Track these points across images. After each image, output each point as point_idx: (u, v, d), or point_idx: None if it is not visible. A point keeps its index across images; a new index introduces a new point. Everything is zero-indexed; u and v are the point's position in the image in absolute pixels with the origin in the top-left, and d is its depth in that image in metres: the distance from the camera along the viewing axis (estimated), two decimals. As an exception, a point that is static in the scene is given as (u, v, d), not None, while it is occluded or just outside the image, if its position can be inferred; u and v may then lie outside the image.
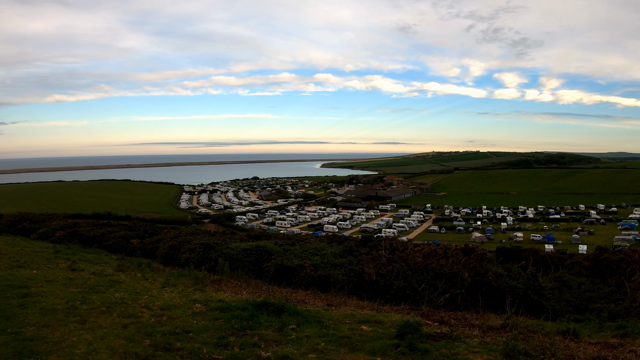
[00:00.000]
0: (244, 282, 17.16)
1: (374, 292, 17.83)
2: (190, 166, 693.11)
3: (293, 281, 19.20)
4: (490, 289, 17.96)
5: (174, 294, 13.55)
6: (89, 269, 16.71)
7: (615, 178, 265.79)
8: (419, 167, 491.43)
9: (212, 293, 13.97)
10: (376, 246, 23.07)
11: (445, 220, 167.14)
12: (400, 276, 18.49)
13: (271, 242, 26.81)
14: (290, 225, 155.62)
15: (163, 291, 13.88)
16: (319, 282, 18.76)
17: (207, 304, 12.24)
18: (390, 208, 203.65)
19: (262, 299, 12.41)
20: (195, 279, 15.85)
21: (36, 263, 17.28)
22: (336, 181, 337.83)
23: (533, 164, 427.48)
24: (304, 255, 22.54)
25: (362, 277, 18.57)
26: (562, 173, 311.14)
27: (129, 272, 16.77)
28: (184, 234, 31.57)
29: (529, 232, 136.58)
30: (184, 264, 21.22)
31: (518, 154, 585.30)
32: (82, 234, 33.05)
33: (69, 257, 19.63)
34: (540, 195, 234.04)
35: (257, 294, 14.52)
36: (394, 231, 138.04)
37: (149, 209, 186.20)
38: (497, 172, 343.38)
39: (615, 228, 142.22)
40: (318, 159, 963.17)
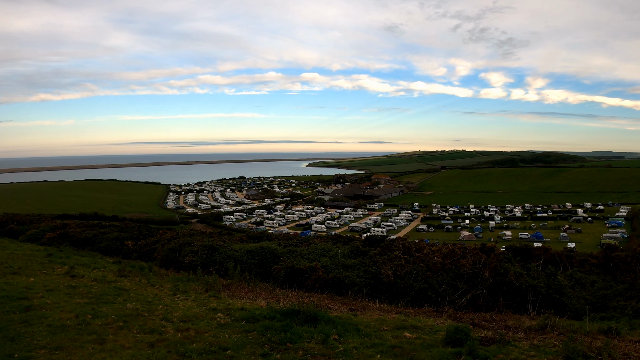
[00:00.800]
0: (254, 287, 16.32)
1: (392, 294, 17.15)
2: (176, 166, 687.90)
3: (304, 284, 18.36)
4: (511, 289, 17.41)
5: (189, 303, 12.59)
6: (89, 275, 15.66)
7: (601, 177, 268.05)
8: (406, 166, 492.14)
9: (228, 300, 13.05)
10: (389, 247, 22.37)
11: (433, 219, 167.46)
12: (420, 277, 17.83)
13: (274, 243, 25.89)
14: (278, 224, 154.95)
15: (175, 299, 12.95)
16: (332, 285, 17.99)
17: (229, 313, 11.33)
18: (378, 207, 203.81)
19: (288, 306, 11.58)
20: (206, 284, 14.88)
21: (31, 269, 16.18)
22: (323, 180, 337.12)
23: (519, 163, 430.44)
24: (312, 257, 21.67)
25: (379, 279, 17.87)
26: (549, 172, 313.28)
27: (131, 277, 15.77)
28: (182, 235, 30.36)
29: (517, 231, 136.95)
30: (187, 267, 20.21)
31: (504, 153, 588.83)
32: (73, 236, 31.67)
33: (63, 261, 18.48)
34: (527, 193, 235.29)
35: (273, 299, 13.75)
36: (383, 230, 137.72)
37: (136, 209, 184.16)
38: (483, 171, 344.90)
39: (602, 226, 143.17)
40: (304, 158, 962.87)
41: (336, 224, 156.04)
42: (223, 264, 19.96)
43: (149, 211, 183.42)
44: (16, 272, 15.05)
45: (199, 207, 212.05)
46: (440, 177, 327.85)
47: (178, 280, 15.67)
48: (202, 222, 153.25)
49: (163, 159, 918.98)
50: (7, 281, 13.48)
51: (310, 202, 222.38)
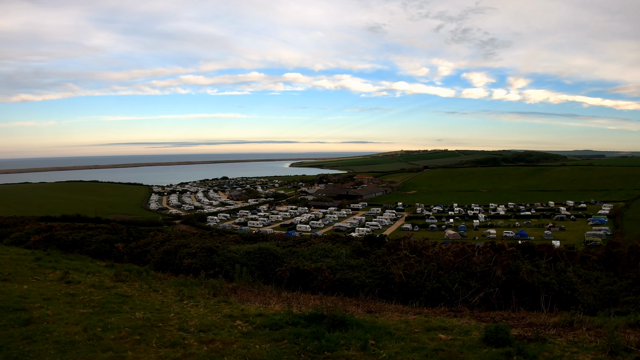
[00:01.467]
0: (260, 290, 15.60)
1: (404, 294, 16.64)
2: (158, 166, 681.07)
3: (310, 286, 17.65)
4: (523, 287, 17.06)
5: (200, 309, 11.79)
6: (85, 281, 14.75)
7: (582, 175, 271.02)
8: (388, 165, 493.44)
9: (239, 305, 12.29)
10: (395, 246, 21.85)
11: (417, 218, 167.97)
12: (432, 276, 17.34)
13: (272, 244, 24.97)
14: (262, 225, 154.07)
15: (185, 306, 12.16)
16: (340, 286, 17.41)
17: (247, 320, 10.57)
18: (362, 207, 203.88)
19: (310, 310, 10.92)
20: (212, 288, 14.12)
21: (21, 274, 15.21)
22: (306, 180, 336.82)
23: (501, 162, 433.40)
24: (314, 258, 20.91)
25: (389, 279, 17.35)
26: (531, 171, 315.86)
27: (129, 282, 14.90)
28: (175, 237, 29.32)
29: (502, 229, 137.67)
30: (185, 270, 19.37)
31: (486, 152, 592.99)
32: (60, 239, 30.37)
33: (54, 265, 17.35)
34: (510, 192, 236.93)
35: (284, 303, 13.02)
36: (368, 230, 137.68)
37: (119, 210, 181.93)
38: (466, 170, 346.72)
39: (585, 224, 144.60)
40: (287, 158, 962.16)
41: (320, 224, 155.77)
42: (223, 266, 19.08)
43: (132, 212, 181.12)
44: (7, 279, 14.08)
45: (182, 208, 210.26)
46: (423, 177, 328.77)
47: (180, 284, 14.87)
48: (186, 223, 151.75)
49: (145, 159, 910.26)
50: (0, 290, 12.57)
51: (294, 203, 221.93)
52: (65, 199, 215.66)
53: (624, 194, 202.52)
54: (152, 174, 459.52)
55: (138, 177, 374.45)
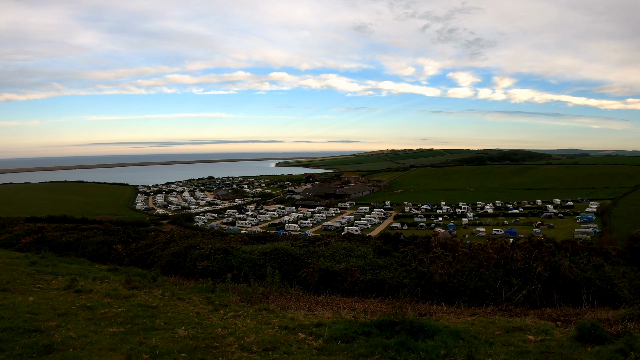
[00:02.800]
0: (291, 294, 14.47)
1: (444, 294, 15.76)
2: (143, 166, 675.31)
3: (339, 288, 16.56)
4: (565, 283, 16.39)
5: (245, 320, 10.36)
6: (96, 288, 13.09)
7: (569, 174, 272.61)
8: (374, 165, 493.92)
9: (284, 313, 11.08)
10: (426, 244, 20.93)
11: (406, 217, 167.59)
12: (474, 275, 16.55)
13: (285, 243, 23.74)
14: (250, 224, 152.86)
15: (223, 316, 10.75)
16: (372, 287, 16.45)
17: (309, 331, 9.32)
18: (350, 206, 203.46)
19: (379, 316, 9.82)
20: (243, 294, 12.78)
21: (21, 282, 13.65)
22: (292, 180, 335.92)
23: (487, 161, 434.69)
24: (337, 258, 19.48)
25: (428, 279, 16.47)
26: (517, 169, 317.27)
27: (146, 289, 13.39)
28: (179, 238, 27.66)
29: (491, 227, 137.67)
30: (200, 274, 17.83)
31: (471, 151, 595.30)
32: (52, 240, 28.21)
33: (53, 270, 15.81)
34: (497, 191, 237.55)
35: (327, 308, 11.92)
36: (357, 229, 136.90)
37: (105, 211, 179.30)
38: (453, 169, 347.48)
39: (573, 221, 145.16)
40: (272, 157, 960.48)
41: (309, 223, 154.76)
42: (241, 268, 17.56)
43: (118, 213, 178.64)
44: (6, 289, 12.49)
45: (168, 207, 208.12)
46: (410, 176, 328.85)
47: (206, 290, 13.39)
48: (173, 223, 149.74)
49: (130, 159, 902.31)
50: (1, 303, 10.85)
51: (282, 202, 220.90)
52: (50, 199, 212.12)
53: (610, 192, 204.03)
54: (137, 174, 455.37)
55: (123, 177, 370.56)
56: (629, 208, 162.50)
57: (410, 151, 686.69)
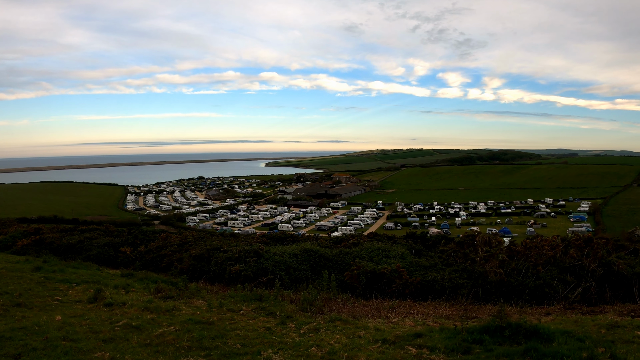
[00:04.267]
0: (345, 300, 13.41)
1: (502, 294, 15.01)
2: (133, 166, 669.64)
3: (387, 291, 15.58)
4: (618, 279, 15.85)
5: (331, 335, 8.95)
6: (127, 300, 11.45)
7: (559, 173, 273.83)
8: (364, 164, 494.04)
9: (362, 323, 9.92)
10: (469, 242, 20.06)
11: (398, 216, 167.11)
12: (530, 273, 15.88)
13: (312, 244, 22.44)
14: (243, 225, 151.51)
15: (297, 330, 9.35)
16: (422, 289, 15.58)
17: (414, 343, 8.19)
18: (342, 206, 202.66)
19: (485, 321, 9.13)
20: (304, 302, 11.40)
21: (35, 294, 11.93)
22: (283, 180, 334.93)
23: (476, 161, 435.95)
24: (375, 259, 18.20)
25: (483, 278, 15.71)
26: (508, 169, 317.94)
27: (183, 299, 11.91)
28: (193, 240, 26.20)
29: (485, 227, 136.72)
30: (231, 280, 16.45)
31: (461, 151, 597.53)
32: (52, 242, 26.41)
33: (65, 277, 14.77)
34: (488, 190, 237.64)
35: (402, 316, 10.88)
36: (350, 229, 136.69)
37: (95, 211, 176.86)
38: (443, 169, 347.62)
39: (566, 221, 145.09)
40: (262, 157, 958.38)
41: (302, 223, 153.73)
42: (276, 272, 16.14)
43: (109, 213, 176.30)
44: (20, 303, 10.72)
45: (159, 208, 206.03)
46: (401, 175, 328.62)
47: (252, 299, 11.99)
48: (165, 223, 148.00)
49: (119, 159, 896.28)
50: (23, 325, 8.67)
51: (273, 202, 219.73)
52: (40, 200, 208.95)
53: (600, 191, 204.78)
54: (127, 174, 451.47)
55: (113, 177, 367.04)
56: (620, 207, 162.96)
57: (400, 151, 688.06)
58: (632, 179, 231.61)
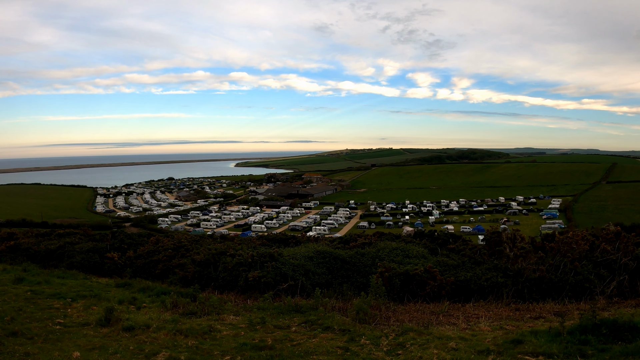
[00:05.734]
0: (386, 306, 12.25)
1: (540, 291, 14.56)
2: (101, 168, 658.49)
3: (421, 293, 14.49)
4: None
5: (427, 351, 7.68)
6: (145, 321, 9.65)
7: (528, 172, 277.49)
8: (334, 164, 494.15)
9: (438, 332, 8.87)
10: (496, 239, 19.31)
11: (372, 215, 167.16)
12: (567, 269, 15.27)
13: (322, 245, 21.27)
14: (216, 226, 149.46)
15: (379, 349, 7.99)
16: (456, 290, 14.70)
17: (522, 350, 7.35)
18: (314, 205, 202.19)
19: (577, 321, 8.36)
20: (358, 312, 10.01)
21: (29, 315, 10.02)
22: (254, 180, 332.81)
23: (445, 160, 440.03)
24: (397, 259, 17.18)
25: (521, 276, 15.00)
26: (478, 168, 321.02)
27: (211, 315, 10.21)
28: (188, 242, 24.09)
29: (459, 225, 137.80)
30: (247, 287, 14.79)
31: (430, 150, 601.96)
32: (29, 248, 23.63)
33: (54, 290, 13.10)
34: (459, 189, 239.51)
35: (460, 320, 10.15)
36: (324, 228, 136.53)
37: (64, 214, 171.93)
38: (414, 168, 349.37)
39: (538, 218, 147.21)
40: (232, 158, 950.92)
41: (275, 223, 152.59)
42: (296, 278, 14.73)
43: (78, 216, 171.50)
44: (17, 332, 8.75)
45: (130, 210, 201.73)
46: (371, 175, 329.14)
47: (288, 310, 10.54)
48: (136, 225, 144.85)
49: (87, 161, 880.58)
50: None
51: (245, 202, 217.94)
52: (6, 202, 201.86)
53: (570, 188, 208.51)
54: (95, 176, 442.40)
55: (81, 179, 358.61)
56: (590, 204, 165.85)
57: (370, 150, 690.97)
58: (600, 176, 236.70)
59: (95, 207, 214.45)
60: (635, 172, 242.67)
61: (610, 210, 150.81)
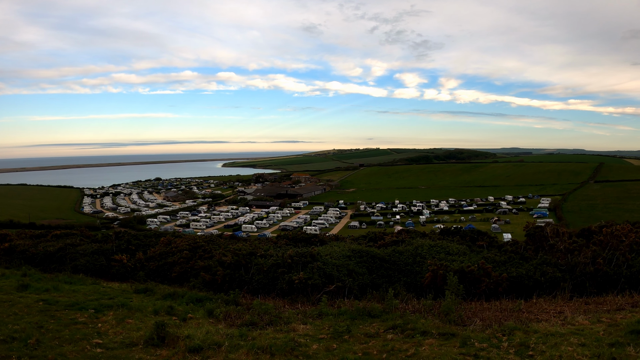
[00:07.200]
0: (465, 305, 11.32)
1: (596, 285, 14.24)
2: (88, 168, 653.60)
3: (476, 291, 13.56)
4: None
5: (551, 349, 6.81)
6: (203, 337, 8.20)
7: (516, 171, 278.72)
8: (321, 164, 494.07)
9: (548, 329, 8.05)
10: (540, 234, 18.64)
11: (362, 215, 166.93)
12: (620, 262, 14.86)
13: (353, 244, 20.31)
14: (205, 226, 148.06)
15: (505, 351, 7.07)
16: (511, 287, 14.02)
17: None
18: (303, 205, 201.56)
19: None
20: (448, 313, 9.04)
21: (56, 336, 8.31)
22: (242, 180, 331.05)
23: (433, 160, 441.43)
24: (440, 256, 16.10)
25: (577, 270, 14.45)
26: (466, 167, 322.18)
27: (277, 326, 8.86)
28: (204, 242, 22.96)
29: (449, 224, 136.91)
30: (291, 291, 13.51)
31: (418, 150, 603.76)
32: (26, 251, 22.99)
33: (69, 299, 11.67)
34: (448, 188, 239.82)
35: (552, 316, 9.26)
36: (315, 228, 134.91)
37: (52, 215, 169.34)
38: (402, 168, 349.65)
39: (528, 217, 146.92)
40: (219, 158, 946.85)
41: (265, 223, 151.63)
42: (341, 279, 13.87)
43: (66, 217, 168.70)
44: (35, 356, 7.20)
45: (117, 210, 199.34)
46: (360, 175, 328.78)
47: (359, 315, 9.27)
48: (125, 226, 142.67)
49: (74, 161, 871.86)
50: None
51: (234, 203, 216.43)
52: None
53: (558, 188, 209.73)
54: (82, 176, 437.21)
55: (68, 180, 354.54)
56: (579, 203, 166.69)
57: (357, 151, 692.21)
58: (588, 175, 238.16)
59: (83, 207, 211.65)
60: (623, 172, 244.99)
61: (599, 209, 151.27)
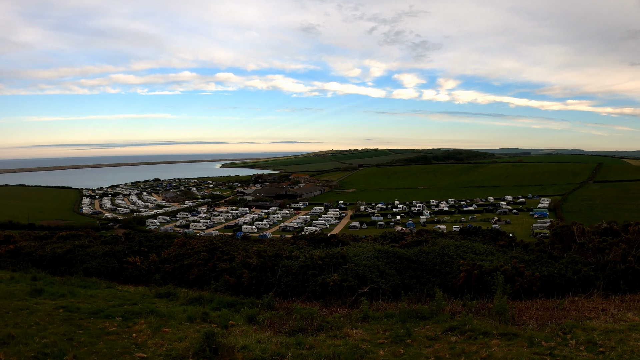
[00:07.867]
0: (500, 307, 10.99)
1: (628, 283, 14.12)
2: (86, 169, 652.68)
3: (510, 290, 13.54)
4: None
5: (622, 345, 6.67)
6: (257, 347, 7.77)
7: (516, 172, 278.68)
8: (320, 165, 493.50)
9: (602, 326, 7.87)
10: (566, 233, 18.49)
11: (362, 216, 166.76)
12: None
13: (376, 244, 20.05)
14: (205, 227, 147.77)
15: (577, 348, 6.81)
16: (545, 286, 13.82)
17: None
18: (303, 206, 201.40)
19: None
20: (502, 313, 8.79)
21: (92, 350, 7.58)
22: (241, 181, 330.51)
23: (432, 160, 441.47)
24: (466, 256, 15.34)
25: (608, 268, 14.31)
26: (465, 168, 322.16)
27: (329, 331, 8.49)
28: (221, 243, 22.52)
29: (450, 224, 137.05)
30: (324, 293, 13.03)
31: (416, 150, 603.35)
32: (32, 253, 22.62)
33: (90, 305, 11.06)
34: (447, 189, 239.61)
35: None
36: (316, 229, 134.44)
37: (50, 216, 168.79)
38: (401, 168, 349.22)
39: (528, 217, 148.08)
40: (217, 159, 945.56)
41: (266, 224, 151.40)
42: (375, 281, 13.45)
43: (65, 217, 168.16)
44: None
45: (117, 211, 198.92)
46: (359, 175, 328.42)
47: (407, 318, 8.83)
48: (125, 227, 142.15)
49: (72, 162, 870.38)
50: None
51: (234, 203, 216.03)
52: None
53: (557, 188, 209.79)
54: (80, 177, 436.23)
55: (66, 180, 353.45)
56: (579, 203, 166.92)
57: (356, 151, 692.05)
58: (587, 176, 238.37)
59: (82, 208, 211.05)
60: (622, 172, 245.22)
61: (599, 209, 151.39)
